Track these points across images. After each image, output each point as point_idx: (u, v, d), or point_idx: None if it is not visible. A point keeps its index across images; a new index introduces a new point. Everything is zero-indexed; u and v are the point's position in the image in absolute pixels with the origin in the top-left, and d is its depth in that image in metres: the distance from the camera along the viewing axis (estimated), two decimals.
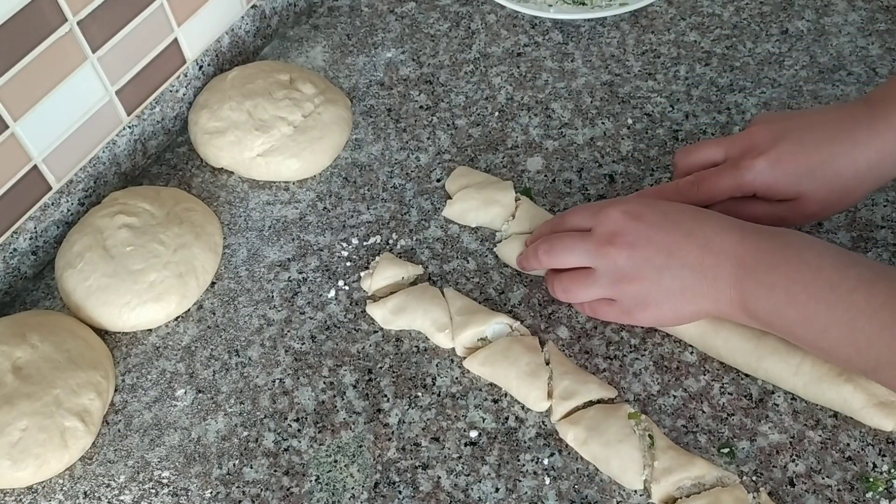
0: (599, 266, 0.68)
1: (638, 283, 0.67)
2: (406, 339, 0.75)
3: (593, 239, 0.68)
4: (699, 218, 0.67)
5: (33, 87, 0.73)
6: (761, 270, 0.63)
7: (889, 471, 0.66)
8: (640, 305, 0.68)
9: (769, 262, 0.63)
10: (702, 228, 0.66)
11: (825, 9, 0.93)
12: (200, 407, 0.72)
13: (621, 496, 0.66)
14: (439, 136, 0.87)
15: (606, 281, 0.68)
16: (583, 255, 0.69)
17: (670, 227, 0.67)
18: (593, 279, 0.69)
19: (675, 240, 0.66)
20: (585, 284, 0.69)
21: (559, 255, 0.71)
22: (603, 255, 0.67)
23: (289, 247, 0.80)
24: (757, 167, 0.69)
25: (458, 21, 0.95)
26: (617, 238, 0.67)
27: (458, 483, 0.67)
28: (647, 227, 0.67)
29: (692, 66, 0.90)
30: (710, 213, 0.68)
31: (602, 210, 0.69)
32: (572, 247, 0.70)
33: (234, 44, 0.92)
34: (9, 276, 0.78)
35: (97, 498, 0.68)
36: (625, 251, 0.66)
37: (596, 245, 0.68)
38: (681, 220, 0.67)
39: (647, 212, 0.68)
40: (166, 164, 0.87)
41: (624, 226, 0.67)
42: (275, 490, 0.68)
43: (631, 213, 0.67)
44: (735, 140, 0.72)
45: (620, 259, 0.67)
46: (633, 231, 0.67)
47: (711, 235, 0.65)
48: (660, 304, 0.67)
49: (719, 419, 0.69)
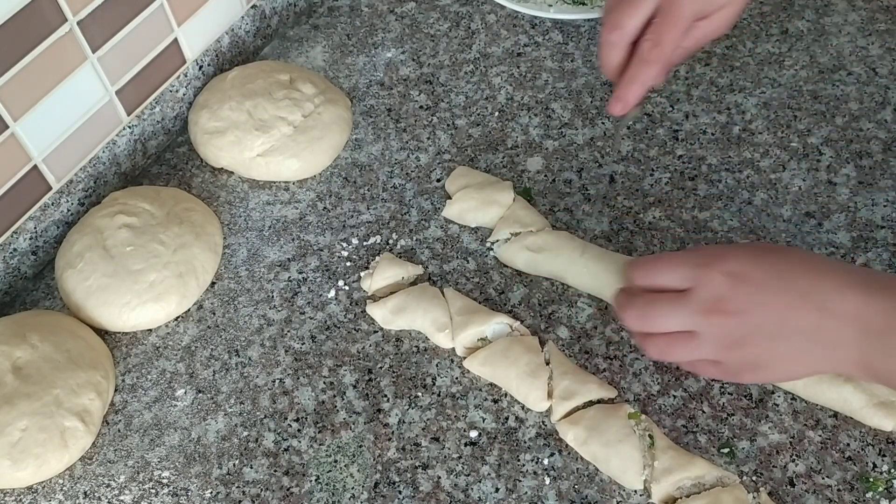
0: (704, 332, 0.61)
1: (749, 349, 0.61)
2: (406, 339, 0.75)
3: (694, 304, 0.61)
4: (814, 273, 0.61)
5: (33, 87, 0.73)
6: (890, 333, 0.57)
7: (889, 471, 0.66)
8: (748, 369, 0.62)
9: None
10: (818, 287, 0.59)
11: (825, 9, 0.93)
12: (200, 407, 0.72)
13: (621, 496, 0.66)
14: (439, 136, 0.87)
15: (712, 347, 0.61)
16: (684, 321, 0.62)
17: (783, 287, 0.60)
18: (696, 343, 0.62)
19: (788, 302, 0.60)
20: (689, 348, 0.62)
21: (654, 321, 0.64)
22: (709, 323, 0.61)
23: (289, 247, 0.80)
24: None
25: (458, 21, 0.95)
26: (723, 304, 0.60)
27: (458, 483, 0.67)
28: (757, 291, 0.60)
29: (692, 66, 0.90)
30: (827, 264, 0.62)
31: (701, 270, 0.62)
32: (670, 313, 0.63)
33: (234, 44, 0.92)
34: (9, 276, 0.78)
35: (97, 498, 0.68)
36: (734, 319, 0.60)
37: (700, 312, 0.61)
38: (793, 277, 0.60)
39: (754, 272, 0.61)
40: (166, 164, 0.87)
41: (730, 291, 0.60)
42: (275, 490, 0.68)
43: (736, 276, 0.61)
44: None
45: (729, 327, 0.60)
46: (742, 296, 0.60)
47: (830, 295, 0.59)
48: (770, 367, 0.62)
49: (719, 419, 0.69)
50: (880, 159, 0.82)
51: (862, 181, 0.80)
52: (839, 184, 0.80)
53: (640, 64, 0.68)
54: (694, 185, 0.81)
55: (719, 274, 0.61)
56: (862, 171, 0.81)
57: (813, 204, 0.79)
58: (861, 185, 0.80)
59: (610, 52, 0.69)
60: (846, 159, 0.82)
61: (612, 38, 0.68)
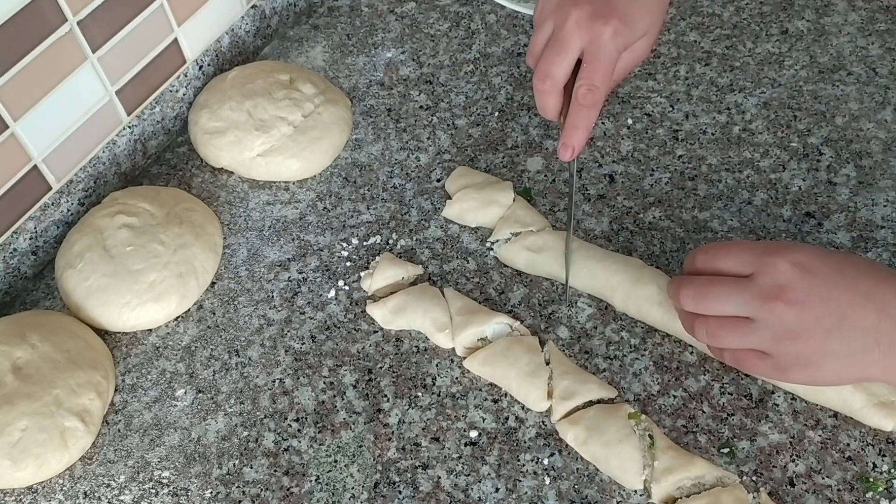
0: (761, 319, 0.62)
1: (803, 342, 0.61)
2: (406, 339, 0.75)
3: (755, 289, 0.62)
4: (878, 276, 0.62)
5: (33, 87, 0.73)
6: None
7: (889, 471, 0.66)
8: (798, 365, 0.62)
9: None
10: (881, 289, 0.61)
11: (825, 9, 0.93)
12: (200, 407, 0.72)
13: (621, 496, 0.66)
14: (439, 136, 0.87)
15: (767, 335, 0.62)
16: (741, 306, 0.62)
17: (846, 284, 0.61)
18: (750, 330, 0.62)
19: (850, 299, 0.60)
20: (740, 334, 0.63)
21: (711, 303, 0.64)
22: (768, 309, 0.61)
23: (289, 247, 0.80)
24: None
25: (458, 21, 0.95)
26: (785, 293, 0.61)
27: (458, 483, 0.67)
28: (821, 284, 0.61)
29: (692, 66, 0.90)
30: (891, 270, 0.63)
31: (767, 257, 0.62)
32: (728, 296, 0.63)
33: (234, 44, 0.92)
34: (9, 276, 0.78)
35: (97, 498, 0.68)
36: (794, 308, 0.60)
37: (760, 298, 0.61)
38: (858, 277, 0.61)
39: (820, 266, 0.62)
40: (166, 164, 0.87)
41: (794, 280, 0.61)
42: (275, 490, 0.68)
43: (802, 266, 0.61)
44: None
45: (788, 316, 0.61)
46: (806, 287, 0.61)
47: (892, 298, 0.60)
48: (821, 365, 0.62)
49: (719, 419, 0.69)
50: (880, 159, 0.82)
51: (862, 181, 0.80)
52: (839, 184, 0.80)
53: (580, 109, 0.70)
54: (694, 185, 0.81)
55: (785, 262, 0.61)
56: (862, 171, 0.81)
57: (813, 204, 0.79)
58: (861, 185, 0.80)
59: (546, 100, 0.72)
60: (846, 159, 0.82)
61: (544, 87, 0.71)
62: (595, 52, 0.70)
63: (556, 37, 0.71)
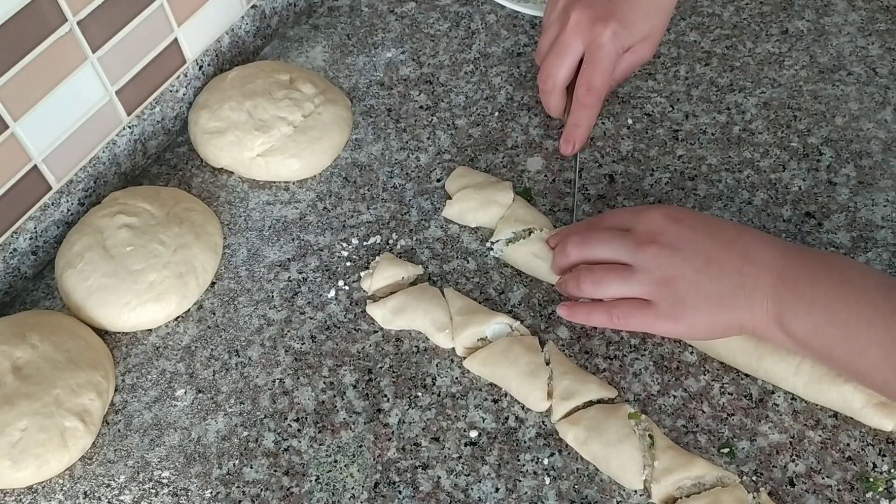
0: (638, 263, 0.67)
1: (677, 283, 0.66)
2: (406, 339, 0.75)
3: (633, 236, 0.68)
4: (740, 229, 0.67)
5: (33, 87, 0.73)
6: (802, 285, 0.62)
7: (889, 471, 0.66)
8: (677, 307, 0.66)
9: (811, 278, 0.62)
10: (742, 238, 0.66)
11: (825, 9, 0.93)
12: (200, 407, 0.72)
13: (621, 496, 0.66)
14: (439, 136, 0.87)
15: (646, 278, 0.67)
16: (621, 251, 0.68)
17: (711, 232, 0.67)
18: (631, 275, 0.67)
19: (715, 245, 0.66)
20: (622, 278, 0.68)
21: (594, 246, 0.70)
22: (643, 251, 0.67)
23: (289, 247, 0.80)
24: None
25: (458, 21, 0.95)
26: (658, 237, 0.66)
27: (458, 483, 0.67)
28: (688, 230, 0.67)
29: (692, 66, 0.90)
30: (751, 227, 0.68)
31: (642, 211, 0.69)
32: (610, 241, 0.69)
33: (234, 44, 0.92)
34: (9, 276, 0.78)
35: (97, 498, 0.68)
36: (665, 249, 0.66)
37: (636, 242, 0.67)
38: (722, 227, 0.67)
39: (688, 217, 0.68)
40: (166, 164, 0.87)
41: (665, 226, 0.67)
42: (275, 490, 0.68)
43: (672, 216, 0.67)
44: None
45: (661, 257, 0.66)
46: (674, 232, 0.66)
47: (752, 246, 0.65)
48: (697, 308, 0.65)
49: (719, 419, 0.69)
50: (880, 159, 0.82)
51: (862, 181, 0.80)
52: (839, 184, 0.80)
53: (580, 108, 0.78)
54: (694, 185, 0.81)
55: (657, 212, 0.68)
56: (862, 171, 0.81)
57: (813, 204, 0.79)
58: (861, 185, 0.80)
59: (549, 99, 0.80)
60: (846, 159, 0.82)
61: (546, 87, 0.79)
62: (595, 53, 0.75)
63: (558, 39, 0.77)
